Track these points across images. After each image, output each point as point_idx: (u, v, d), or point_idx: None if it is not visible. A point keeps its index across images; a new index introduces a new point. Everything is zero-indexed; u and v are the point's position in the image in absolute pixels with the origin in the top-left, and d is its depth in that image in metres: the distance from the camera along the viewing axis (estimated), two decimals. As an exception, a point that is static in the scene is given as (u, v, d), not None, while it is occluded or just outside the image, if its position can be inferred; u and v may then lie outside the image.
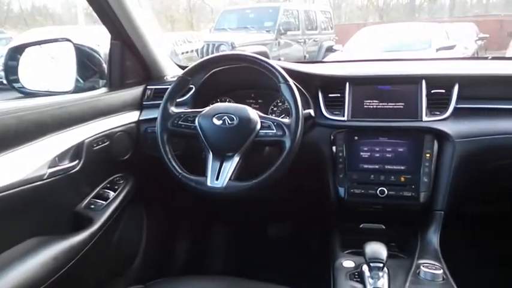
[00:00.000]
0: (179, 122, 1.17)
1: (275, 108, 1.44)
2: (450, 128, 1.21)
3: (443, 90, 1.25)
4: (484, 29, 10.48)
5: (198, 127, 1.14)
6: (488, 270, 1.56)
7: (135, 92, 1.43)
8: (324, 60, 6.52)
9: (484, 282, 1.46)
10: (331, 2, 19.61)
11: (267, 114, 1.40)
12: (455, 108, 1.22)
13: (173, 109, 1.19)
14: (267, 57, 1.25)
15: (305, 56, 9.09)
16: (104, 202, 1.22)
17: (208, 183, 1.10)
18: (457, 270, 1.05)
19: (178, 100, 1.28)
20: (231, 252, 1.93)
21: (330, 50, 8.81)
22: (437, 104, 1.24)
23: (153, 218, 1.60)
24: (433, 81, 1.26)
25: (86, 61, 1.41)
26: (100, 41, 1.46)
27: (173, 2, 19.64)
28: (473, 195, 1.34)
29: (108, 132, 1.25)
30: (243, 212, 1.84)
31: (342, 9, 21.03)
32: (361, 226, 1.29)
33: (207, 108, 1.17)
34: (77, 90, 1.34)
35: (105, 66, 1.44)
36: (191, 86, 1.36)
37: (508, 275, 1.52)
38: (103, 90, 1.37)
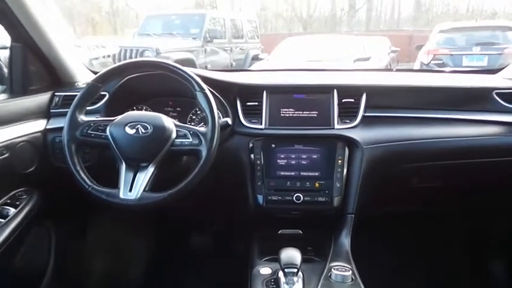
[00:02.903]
0: (89, 131, 1.11)
1: (194, 117, 1.42)
2: (359, 135, 1.28)
3: (352, 100, 1.32)
4: (396, 42, 11.36)
5: (109, 136, 1.09)
6: (395, 268, 1.68)
7: (41, 98, 1.33)
8: (250, 68, 6.63)
9: (391, 279, 1.56)
10: (257, 12, 20.05)
11: (186, 123, 1.39)
12: (363, 117, 1.30)
13: (82, 117, 1.13)
14: (193, 64, 1.23)
15: (232, 64, 9.15)
16: (2, 220, 1.11)
17: (121, 195, 1.05)
18: (366, 270, 1.11)
19: (89, 108, 1.22)
20: (152, 266, 1.86)
21: (256, 58, 8.94)
22: (348, 112, 1.31)
23: (63, 237, 1.48)
24: (344, 91, 1.33)
25: (-19, 65, 1.28)
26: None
27: (94, 4, 18.67)
28: (382, 197, 1.43)
29: (7, 142, 1.14)
30: (164, 223, 1.79)
31: (267, 19, 21.59)
32: (279, 232, 1.31)
33: (119, 117, 1.12)
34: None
35: (6, 70, 1.32)
36: (104, 93, 1.31)
37: (413, 272, 1.65)
38: (2, 96, 1.25)
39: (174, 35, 8.24)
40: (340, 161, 1.27)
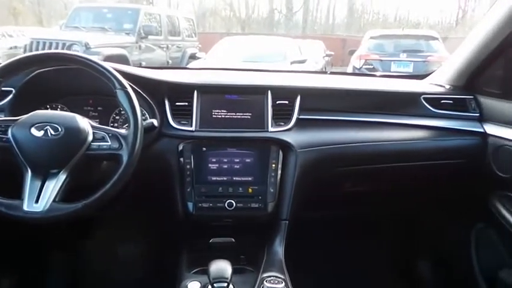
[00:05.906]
0: None
1: (117, 117, 1.30)
2: (293, 138, 1.24)
3: (287, 102, 1.28)
4: (331, 46, 11.78)
5: (11, 139, 0.94)
6: (329, 274, 1.67)
7: None
8: (187, 67, 6.47)
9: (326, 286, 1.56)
10: (196, 11, 19.79)
11: (108, 124, 1.27)
12: (297, 119, 1.27)
13: None
14: (126, 61, 1.11)
15: (168, 62, 8.88)
16: None
17: (25, 207, 0.92)
18: (301, 278, 1.08)
19: None
20: (77, 280, 1.69)
21: (193, 57, 8.76)
22: (282, 114, 1.27)
23: None
24: (278, 92, 1.28)
25: None
26: None
27: (16, -8, 17.17)
28: (316, 202, 1.41)
29: None
30: (87, 233, 1.63)
31: (206, 18, 21.41)
32: (210, 241, 1.24)
33: (24, 117, 0.98)
34: None
35: None
36: (9, 88, 1.14)
37: (347, 277, 1.65)
38: None
39: (106, 30, 7.80)
40: (274, 165, 1.22)
